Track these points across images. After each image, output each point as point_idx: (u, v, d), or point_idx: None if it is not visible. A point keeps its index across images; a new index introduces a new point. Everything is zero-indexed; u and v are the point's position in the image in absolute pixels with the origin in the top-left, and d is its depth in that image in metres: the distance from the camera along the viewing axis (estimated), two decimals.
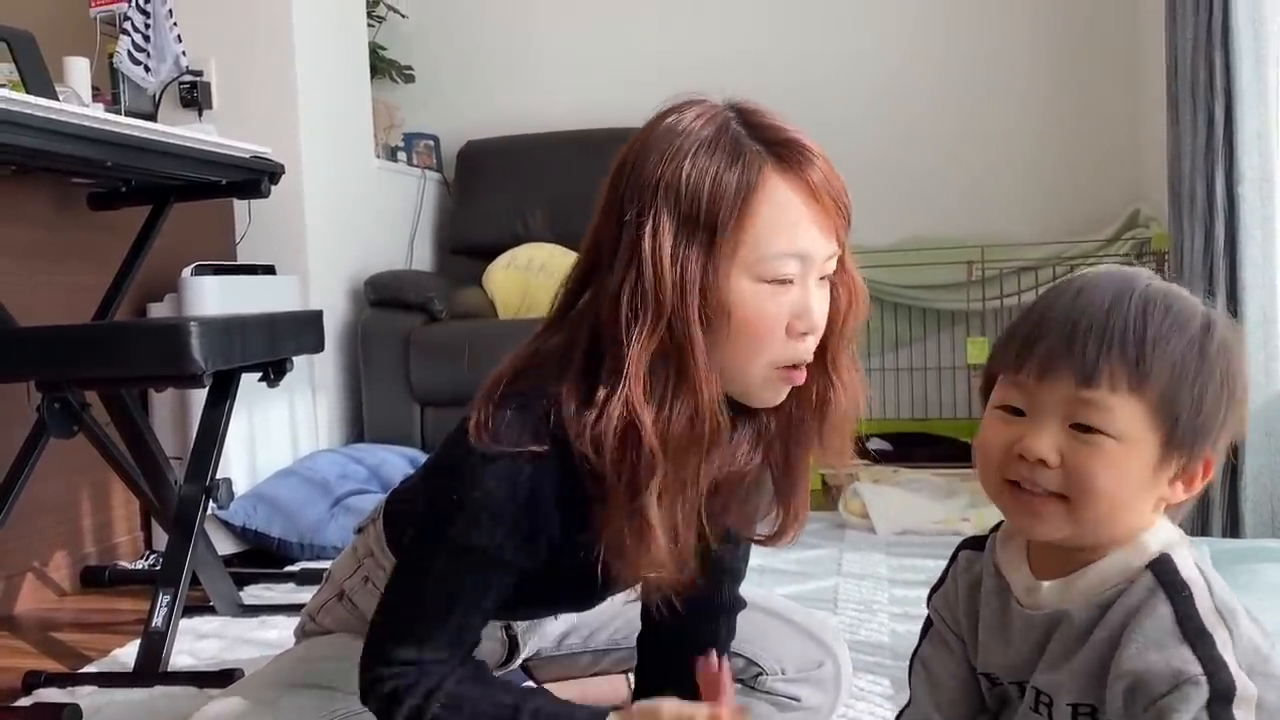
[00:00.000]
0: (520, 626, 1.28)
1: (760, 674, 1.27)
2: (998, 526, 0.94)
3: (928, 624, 0.99)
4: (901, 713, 0.99)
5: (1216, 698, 0.75)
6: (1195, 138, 2.28)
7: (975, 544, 0.95)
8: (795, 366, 0.99)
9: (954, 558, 0.97)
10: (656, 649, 1.21)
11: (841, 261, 1.02)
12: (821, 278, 0.99)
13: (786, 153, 0.96)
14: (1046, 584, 0.85)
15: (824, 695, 1.29)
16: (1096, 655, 0.81)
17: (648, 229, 0.93)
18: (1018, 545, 0.90)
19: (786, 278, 0.95)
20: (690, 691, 1.03)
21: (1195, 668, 0.76)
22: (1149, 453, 0.79)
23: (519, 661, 1.33)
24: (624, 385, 0.93)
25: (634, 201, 0.95)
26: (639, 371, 0.93)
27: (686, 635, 1.15)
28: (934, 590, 0.98)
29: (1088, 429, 0.79)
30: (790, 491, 1.09)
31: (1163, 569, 0.81)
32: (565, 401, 0.95)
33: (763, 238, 0.94)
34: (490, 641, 1.24)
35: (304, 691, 1.16)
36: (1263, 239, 2.19)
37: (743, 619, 1.29)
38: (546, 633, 1.34)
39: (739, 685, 1.26)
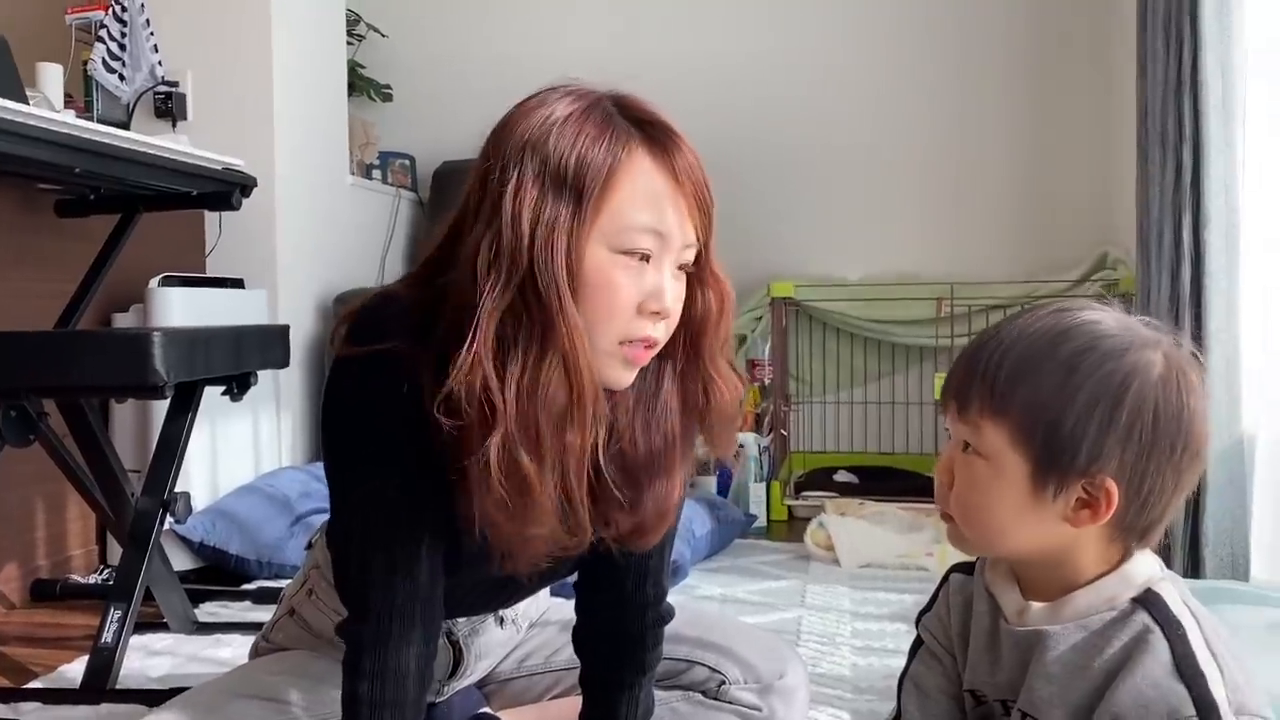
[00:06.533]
0: (462, 631, 1.25)
1: (724, 683, 1.27)
2: None
3: (917, 644, 1.02)
4: None
5: None
6: (1164, 183, 2.31)
7: (965, 569, 0.99)
8: (640, 346, 0.97)
9: (944, 581, 1.01)
10: (590, 675, 1.18)
11: (709, 263, 1.01)
12: (680, 268, 0.98)
13: (655, 133, 0.97)
14: (1036, 605, 0.89)
15: (786, 708, 1.28)
16: (1092, 687, 0.83)
17: (510, 187, 0.92)
18: (1005, 568, 0.93)
19: (643, 252, 0.95)
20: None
21: (1189, 708, 0.78)
22: (1019, 475, 0.84)
23: (469, 675, 1.30)
24: (474, 344, 0.91)
25: (500, 162, 0.94)
26: (489, 329, 0.91)
27: (615, 652, 1.16)
28: (923, 613, 1.02)
29: (967, 447, 0.88)
30: (659, 485, 1.03)
31: (1154, 605, 0.84)
32: (421, 368, 0.94)
33: (624, 209, 0.94)
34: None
35: (250, 701, 1.14)
36: (1228, 285, 2.21)
37: (704, 630, 1.32)
38: (493, 643, 1.30)
39: (700, 695, 1.27)
